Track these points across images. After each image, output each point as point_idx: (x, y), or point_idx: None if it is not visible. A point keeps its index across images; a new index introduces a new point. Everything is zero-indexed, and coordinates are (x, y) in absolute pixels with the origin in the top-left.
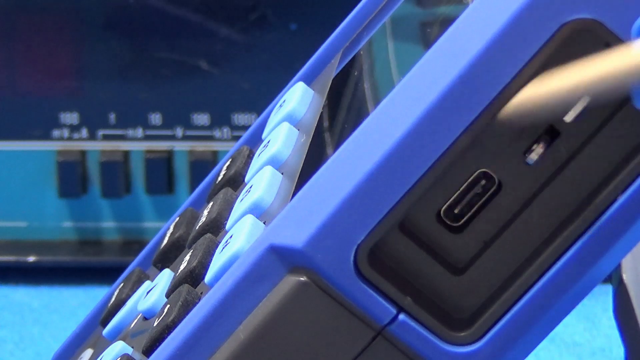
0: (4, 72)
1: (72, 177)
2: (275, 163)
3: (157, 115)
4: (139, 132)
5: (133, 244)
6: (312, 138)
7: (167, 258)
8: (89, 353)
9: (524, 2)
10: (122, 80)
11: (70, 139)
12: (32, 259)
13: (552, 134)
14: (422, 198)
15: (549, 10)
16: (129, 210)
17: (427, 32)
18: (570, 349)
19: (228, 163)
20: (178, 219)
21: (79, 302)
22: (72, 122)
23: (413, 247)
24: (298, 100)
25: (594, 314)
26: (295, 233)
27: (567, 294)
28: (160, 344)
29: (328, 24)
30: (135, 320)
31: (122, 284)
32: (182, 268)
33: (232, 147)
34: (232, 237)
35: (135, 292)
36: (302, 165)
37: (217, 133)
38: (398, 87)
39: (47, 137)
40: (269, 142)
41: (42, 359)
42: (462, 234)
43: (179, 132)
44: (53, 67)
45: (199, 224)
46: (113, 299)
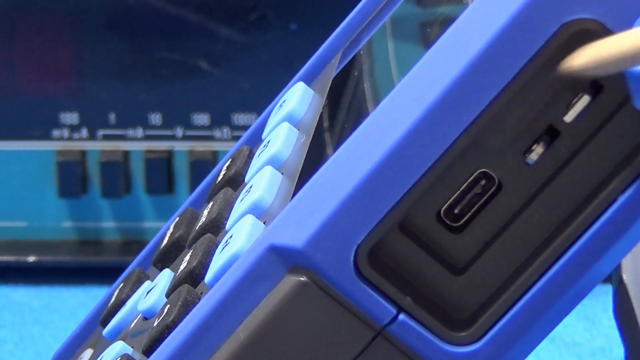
0: (4, 72)
1: (72, 177)
2: (275, 163)
3: (157, 115)
4: (139, 132)
5: (133, 244)
6: (312, 138)
7: (167, 258)
8: (89, 353)
9: (524, 2)
10: (122, 80)
11: (70, 139)
12: (32, 259)
13: (552, 134)
14: (422, 198)
15: (549, 10)
16: (129, 210)
17: (427, 32)
18: (570, 349)
19: (228, 163)
20: (178, 219)
21: (79, 302)
22: (72, 122)
23: (413, 247)
24: (298, 100)
25: (594, 314)
26: (295, 233)
27: (567, 294)
28: (160, 344)
29: (328, 24)
30: (135, 320)
31: (122, 284)
32: (182, 268)
33: (232, 147)
34: (232, 237)
35: (135, 292)
36: (302, 165)
37: (217, 133)
38: (398, 87)
39: (47, 137)
40: (269, 142)
41: (42, 359)
42: (462, 234)
43: (179, 132)
44: (53, 67)
45: (199, 224)
46: (113, 299)
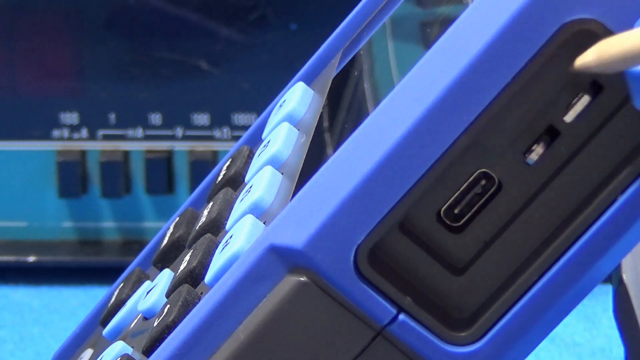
0: (4, 72)
1: (72, 177)
2: (275, 163)
3: (157, 115)
4: (139, 132)
5: (133, 244)
6: (312, 138)
7: (167, 258)
8: (89, 353)
9: (524, 2)
10: (122, 80)
11: (70, 139)
12: (32, 259)
13: (552, 134)
14: (422, 198)
15: (549, 11)
16: (129, 210)
17: (427, 32)
18: (570, 349)
19: (228, 163)
20: (178, 219)
21: (79, 302)
22: (72, 122)
23: (413, 247)
24: (298, 100)
25: (594, 314)
26: (295, 233)
27: (567, 294)
28: (160, 344)
29: (328, 24)
30: (135, 320)
31: (122, 284)
32: (182, 268)
33: (232, 147)
34: (232, 237)
35: (135, 292)
36: (302, 165)
37: (217, 133)
38: (398, 87)
39: (47, 137)
40: (269, 142)
41: (42, 359)
42: (462, 234)
43: (179, 132)
44: (53, 67)
45: (199, 224)
46: (113, 299)
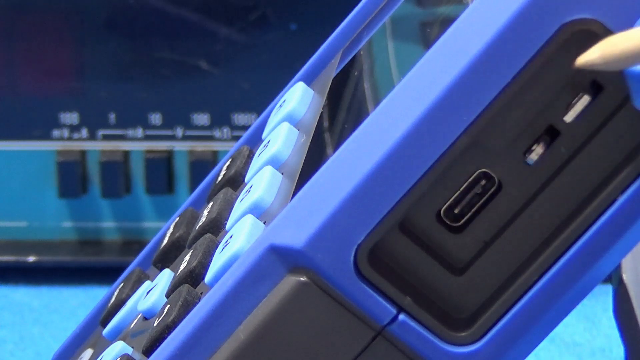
0: (4, 72)
1: (72, 177)
2: (275, 163)
3: (157, 115)
4: (139, 132)
5: (133, 244)
6: (312, 138)
7: (167, 258)
8: (89, 353)
9: (524, 2)
10: (122, 80)
11: (70, 139)
12: (32, 259)
13: (552, 134)
14: (422, 198)
15: (549, 11)
16: (129, 210)
17: (427, 32)
18: (570, 349)
19: (228, 163)
20: (178, 219)
21: (79, 302)
22: (72, 122)
23: (413, 247)
24: (298, 100)
25: (594, 314)
26: (295, 233)
27: (567, 294)
28: (160, 344)
29: (328, 24)
30: (135, 320)
31: (122, 284)
32: (182, 268)
33: (232, 147)
34: (232, 237)
35: (135, 292)
36: (302, 165)
37: (217, 133)
38: (398, 87)
39: (47, 137)
40: (269, 142)
41: (42, 359)
42: (462, 234)
43: (179, 132)
44: (53, 67)
45: (199, 224)
46: (113, 299)
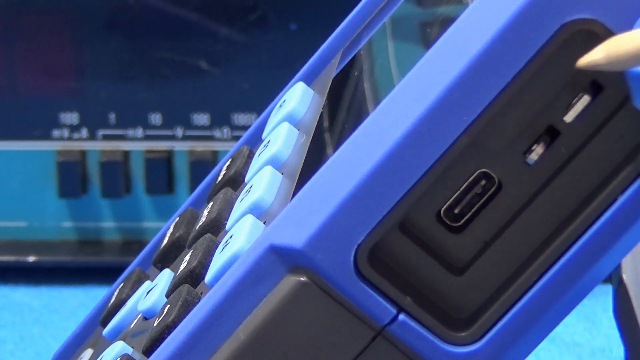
0: (4, 72)
1: (72, 177)
2: (275, 163)
3: (157, 115)
4: (139, 132)
5: (133, 244)
6: (312, 138)
7: (167, 258)
8: (89, 353)
9: (524, 2)
10: (122, 80)
11: (70, 139)
12: (32, 259)
13: (552, 134)
14: (422, 198)
15: (549, 10)
16: (129, 210)
17: (427, 32)
18: (570, 349)
19: (228, 163)
20: (178, 219)
21: (79, 302)
22: (72, 122)
23: (413, 247)
24: (298, 100)
25: (594, 314)
26: (295, 233)
27: (567, 294)
28: (160, 344)
29: (328, 24)
30: (135, 320)
31: (122, 284)
32: (182, 268)
33: (232, 147)
34: (232, 237)
35: (135, 292)
36: (302, 165)
37: (217, 133)
38: (398, 87)
39: (47, 137)
40: (269, 142)
41: (42, 359)
42: (462, 234)
43: (179, 132)
44: (53, 67)
45: (199, 224)
46: (113, 299)
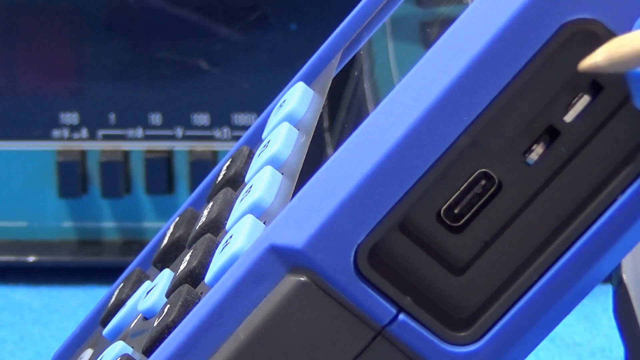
0: (4, 72)
1: (72, 177)
2: (275, 163)
3: (157, 115)
4: (139, 132)
5: (133, 244)
6: (312, 138)
7: (167, 258)
8: (89, 353)
9: (524, 2)
10: (122, 80)
11: (70, 139)
12: (32, 259)
13: (552, 134)
14: (422, 198)
15: (549, 10)
16: (129, 210)
17: (427, 32)
18: (570, 349)
19: (228, 163)
20: (178, 219)
21: (79, 302)
22: (72, 122)
23: (413, 247)
24: (298, 100)
25: (594, 314)
26: (295, 233)
27: (567, 294)
28: (160, 344)
29: (328, 24)
30: (135, 320)
31: (122, 284)
32: (182, 268)
33: (232, 147)
34: (232, 237)
35: (135, 292)
36: (302, 165)
37: (217, 133)
38: (398, 87)
39: (47, 137)
40: (269, 142)
41: (42, 359)
42: (462, 234)
43: (179, 132)
44: (53, 67)
45: (199, 224)
46: (113, 299)
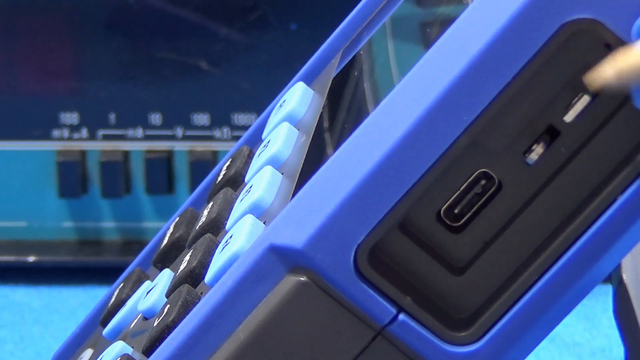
0: (4, 72)
1: (72, 177)
2: (275, 163)
3: (157, 115)
4: (139, 132)
5: (133, 244)
6: (312, 138)
7: (167, 258)
8: (89, 353)
9: (524, 2)
10: (122, 80)
11: (70, 139)
12: (32, 259)
13: (552, 134)
14: (422, 198)
15: (549, 10)
16: (129, 210)
17: (427, 32)
18: (570, 349)
19: (228, 163)
20: (178, 219)
21: (79, 302)
22: (72, 122)
23: (413, 247)
24: (298, 100)
25: (594, 314)
26: (295, 233)
27: (567, 294)
28: (160, 344)
29: (328, 24)
30: (135, 320)
31: (122, 284)
32: (182, 268)
33: (232, 147)
34: (232, 237)
35: (135, 292)
36: (302, 165)
37: (217, 133)
38: (398, 87)
39: (47, 137)
40: (269, 142)
41: (42, 359)
42: (462, 234)
43: (179, 132)
44: (53, 67)
45: (199, 224)
46: (113, 299)
